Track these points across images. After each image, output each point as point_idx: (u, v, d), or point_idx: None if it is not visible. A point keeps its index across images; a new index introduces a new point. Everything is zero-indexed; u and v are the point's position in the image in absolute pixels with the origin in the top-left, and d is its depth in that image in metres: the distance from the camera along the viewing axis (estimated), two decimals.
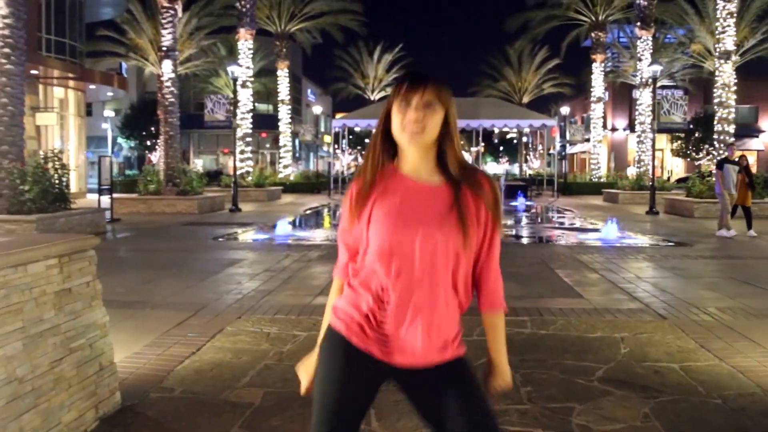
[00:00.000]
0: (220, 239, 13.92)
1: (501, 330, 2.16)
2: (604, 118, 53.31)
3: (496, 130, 44.94)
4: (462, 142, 2.22)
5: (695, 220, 19.36)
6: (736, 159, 15.21)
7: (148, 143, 52.46)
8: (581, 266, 10.07)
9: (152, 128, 50.70)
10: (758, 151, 54.98)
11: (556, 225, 18.32)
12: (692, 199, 21.46)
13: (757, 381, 4.71)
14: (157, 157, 51.63)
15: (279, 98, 38.75)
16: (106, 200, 19.07)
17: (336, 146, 42.68)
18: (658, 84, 43.94)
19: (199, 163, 53.56)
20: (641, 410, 4.16)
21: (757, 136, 55.93)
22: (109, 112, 51.41)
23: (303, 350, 5.42)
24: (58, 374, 3.62)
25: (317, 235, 15.38)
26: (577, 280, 8.81)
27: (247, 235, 14.68)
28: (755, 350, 5.48)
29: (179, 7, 23.27)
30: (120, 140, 54.87)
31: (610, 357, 5.28)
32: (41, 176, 13.85)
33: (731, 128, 23.18)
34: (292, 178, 38.54)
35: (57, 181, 14.32)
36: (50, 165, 14.35)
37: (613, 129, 59.59)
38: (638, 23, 31.29)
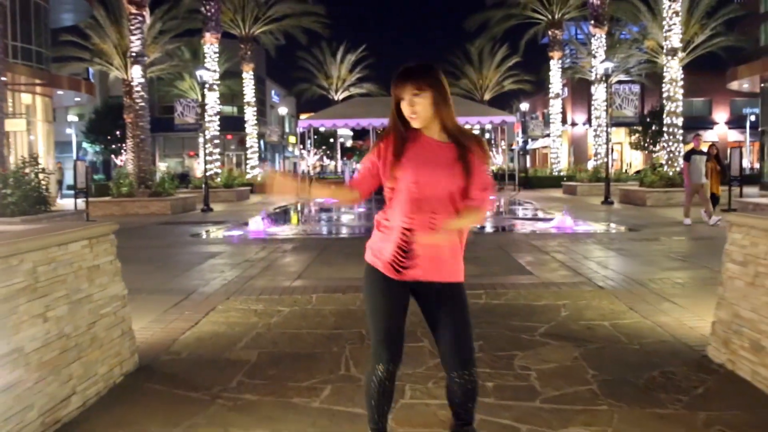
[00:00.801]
0: (198, 236, 14.63)
1: (470, 210, 2.87)
2: (564, 113, 54.62)
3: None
4: None
5: (647, 209, 20.51)
6: (703, 149, 15.35)
7: (114, 147, 52.61)
8: (534, 250, 11.02)
9: (117, 132, 50.95)
10: (713, 142, 56.84)
11: (515, 216, 19.31)
12: (645, 189, 22.64)
13: (671, 332, 5.65)
14: (123, 160, 51.89)
15: (245, 100, 39.28)
16: (79, 203, 19.63)
17: (301, 146, 43.33)
18: (615, 79, 45.44)
19: (163, 166, 53.72)
20: (572, 354, 5.07)
21: (711, 128, 57.64)
22: (72, 117, 51.35)
23: (288, 322, 6.26)
24: (93, 335, 4.39)
25: (289, 231, 16.14)
26: (528, 261, 9.75)
27: (222, 232, 15.40)
28: (675, 310, 6.43)
29: (147, 14, 23.83)
30: (85, 145, 54.87)
31: (551, 318, 6.19)
32: (22, 180, 14.44)
33: (679, 121, 24.40)
34: (259, 178, 39.11)
35: (37, 185, 14.91)
36: (29, 170, 14.93)
37: (573, 124, 60.92)
38: (592, 21, 32.49)
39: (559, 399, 4.15)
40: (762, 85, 31.86)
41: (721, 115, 58.65)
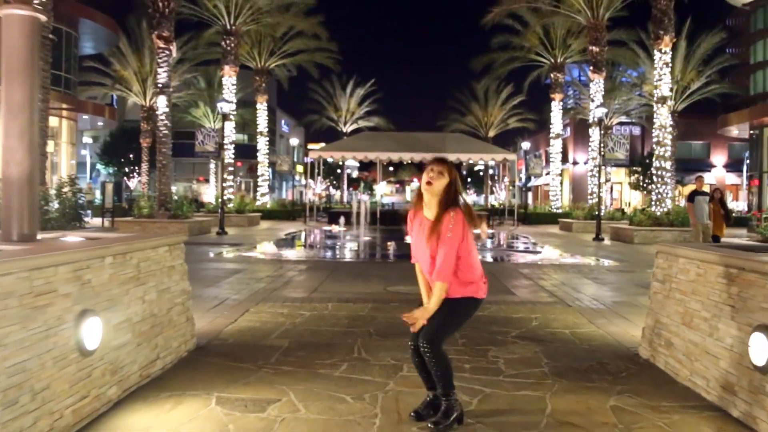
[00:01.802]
0: (220, 255, 16.07)
1: (436, 291, 4.29)
2: (566, 152, 56.24)
3: (463, 163, 47.56)
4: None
5: (634, 245, 21.93)
6: (705, 190, 15.90)
7: (127, 170, 54.38)
8: (520, 276, 12.48)
9: (131, 155, 52.73)
10: (710, 185, 58.26)
11: (510, 248, 20.77)
12: (633, 228, 24.12)
13: (617, 338, 7.09)
14: (134, 183, 53.58)
15: (258, 130, 40.97)
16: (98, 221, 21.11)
17: (310, 176, 44.92)
18: (616, 121, 47.20)
19: (173, 190, 55.26)
20: (534, 350, 6.50)
21: (709, 171, 58.98)
22: (87, 139, 53.18)
23: (309, 322, 7.70)
24: (170, 317, 5.85)
25: (302, 254, 17.63)
26: (513, 284, 11.21)
27: (241, 253, 16.82)
28: (625, 324, 7.87)
29: (174, 48, 25.52)
30: (99, 166, 56.65)
31: (523, 326, 7.64)
32: (62, 198, 15.97)
33: (668, 164, 25.89)
34: (268, 205, 40.70)
35: (74, 203, 16.42)
36: (67, 189, 16.46)
37: (575, 162, 62.44)
38: (591, 67, 34.12)
39: (517, 376, 5.59)
40: (750, 132, 33.47)
41: (719, 158, 60.14)
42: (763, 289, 4.42)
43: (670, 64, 25.84)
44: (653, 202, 26.10)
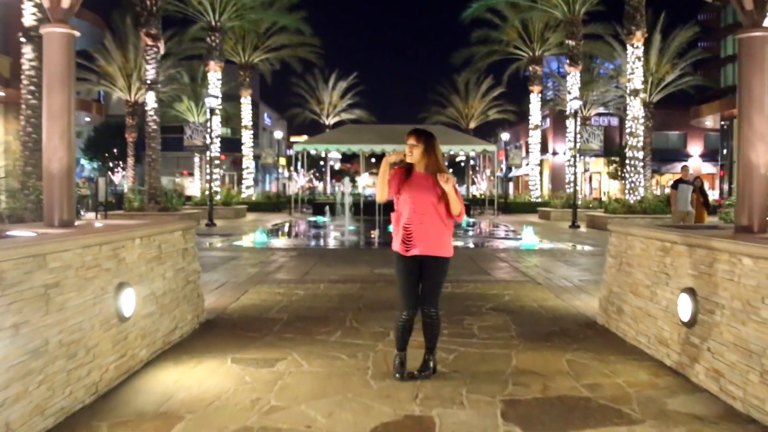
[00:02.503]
0: (213, 245, 16.85)
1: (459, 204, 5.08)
2: (545, 142, 57.21)
3: (445, 155, 48.47)
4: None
5: (608, 232, 22.86)
6: (690, 179, 16.29)
7: (111, 165, 54.86)
8: (496, 260, 13.39)
9: (114, 150, 53.20)
10: (691, 174, 59.42)
11: (489, 235, 21.69)
12: (607, 215, 25.07)
13: (578, 309, 8.00)
14: (119, 177, 54.03)
15: (242, 124, 41.62)
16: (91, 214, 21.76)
17: (293, 168, 45.63)
18: (594, 112, 48.29)
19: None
20: (504, 319, 7.39)
21: (686, 160, 60.06)
22: None
23: (304, 300, 8.55)
24: (184, 293, 6.67)
25: (290, 242, 18.44)
26: (490, 267, 12.12)
27: (233, 242, 17.61)
28: (588, 298, 8.78)
29: (161, 45, 26.14)
30: (83, 161, 57.00)
31: (496, 300, 8.53)
32: None
33: (640, 154, 26.90)
34: (254, 198, 41.40)
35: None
36: None
37: (554, 153, 63.40)
38: (567, 61, 35.03)
39: (488, 338, 6.48)
40: (722, 123, 34.60)
41: (695, 148, 61.32)
42: (689, 259, 5.31)
43: (642, 58, 26.78)
44: (627, 191, 27.10)
